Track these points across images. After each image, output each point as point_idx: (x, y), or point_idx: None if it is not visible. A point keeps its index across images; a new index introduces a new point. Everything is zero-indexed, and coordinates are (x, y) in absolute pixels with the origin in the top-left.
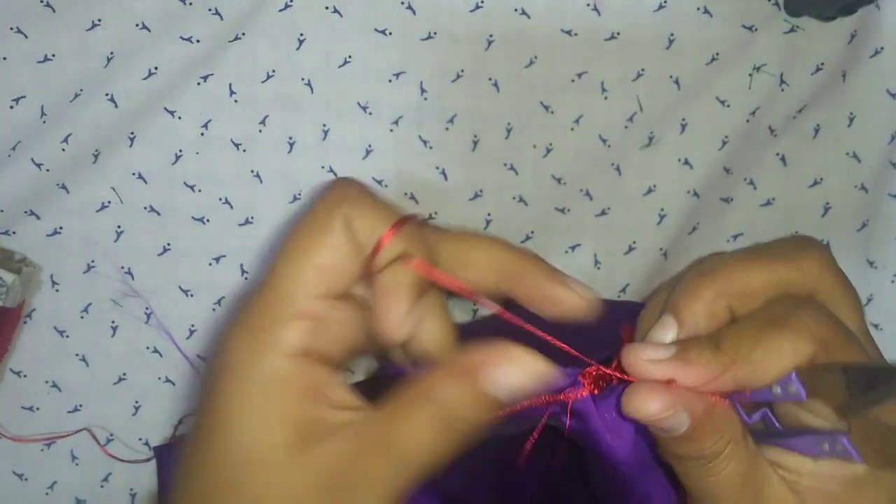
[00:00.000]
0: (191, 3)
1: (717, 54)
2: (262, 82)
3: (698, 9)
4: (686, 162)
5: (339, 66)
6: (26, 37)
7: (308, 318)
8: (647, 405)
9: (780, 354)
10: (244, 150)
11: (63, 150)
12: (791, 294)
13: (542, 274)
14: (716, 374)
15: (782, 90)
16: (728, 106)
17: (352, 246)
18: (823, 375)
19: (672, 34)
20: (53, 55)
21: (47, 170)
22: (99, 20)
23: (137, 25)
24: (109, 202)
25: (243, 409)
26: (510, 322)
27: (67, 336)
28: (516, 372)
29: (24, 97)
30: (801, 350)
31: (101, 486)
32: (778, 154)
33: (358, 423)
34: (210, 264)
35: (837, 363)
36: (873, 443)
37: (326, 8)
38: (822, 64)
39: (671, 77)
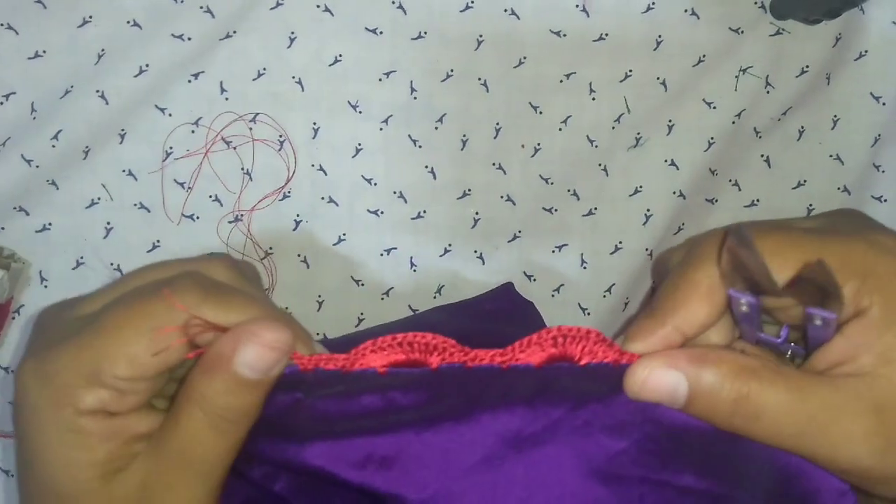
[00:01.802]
0: (182, 1)
1: (704, 56)
2: (253, 80)
3: (686, 11)
4: (672, 163)
5: (330, 65)
6: (17, 33)
7: (109, 388)
8: (630, 376)
9: (697, 285)
10: (234, 148)
11: (53, 146)
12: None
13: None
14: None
15: (768, 92)
16: (714, 108)
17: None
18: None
19: (660, 36)
20: (44, 51)
21: (37, 166)
22: (90, 17)
23: (129, 22)
24: (99, 199)
25: (47, 453)
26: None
27: None
28: (260, 349)
29: (15, 93)
30: (713, 270)
31: None
32: (763, 156)
33: (150, 444)
34: None
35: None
36: None
37: (317, 7)
38: (807, 67)
39: (658, 79)
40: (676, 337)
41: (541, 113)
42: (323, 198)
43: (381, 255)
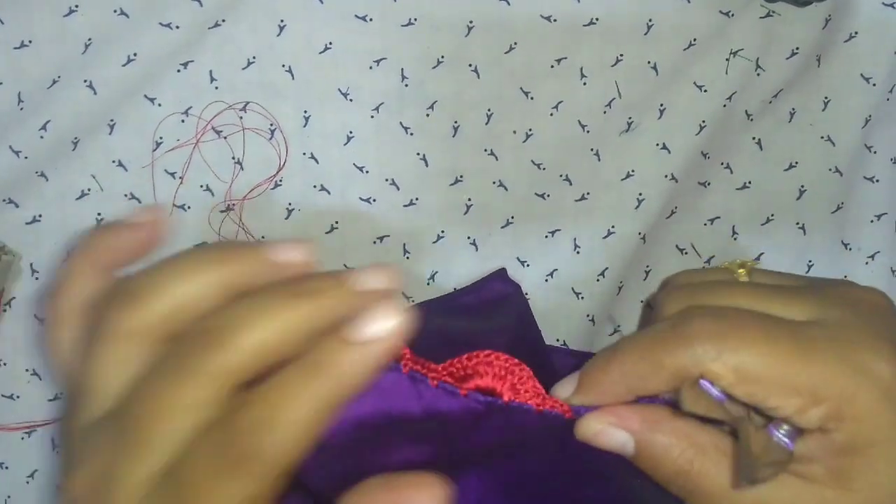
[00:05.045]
0: None
1: (695, 40)
2: (243, 69)
3: None
4: (664, 147)
5: (320, 53)
6: (2, 22)
7: None
8: (583, 426)
9: (662, 367)
10: (224, 138)
11: (41, 137)
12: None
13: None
14: (605, 386)
15: (758, 75)
16: (705, 91)
17: None
18: None
19: (650, 20)
20: (30, 41)
21: (25, 157)
22: (76, 6)
23: (115, 11)
24: (89, 190)
25: None
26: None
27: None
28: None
29: (1, 84)
30: (683, 364)
31: None
32: (754, 138)
33: None
34: None
35: None
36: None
37: None
38: (798, 48)
39: (649, 63)
40: (628, 396)
41: (532, 98)
42: (315, 186)
43: (374, 242)
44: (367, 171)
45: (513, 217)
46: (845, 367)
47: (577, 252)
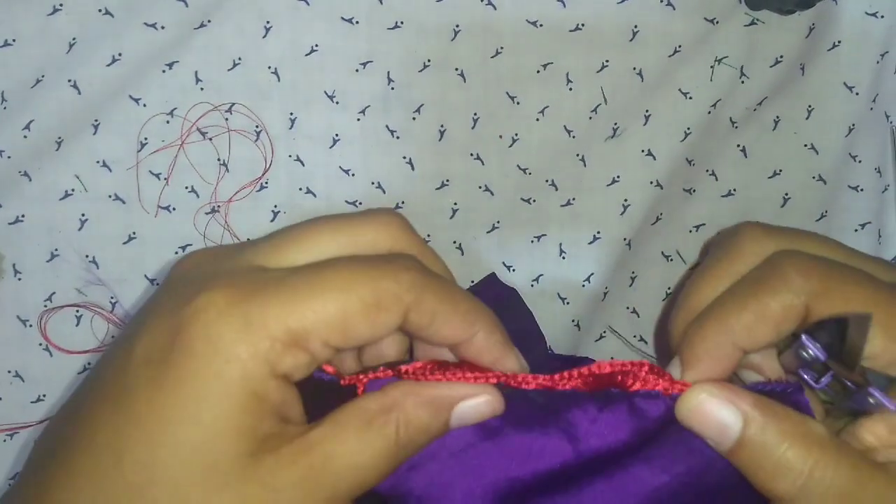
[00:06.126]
0: None
1: (680, 47)
2: (229, 70)
3: (661, 1)
4: (649, 153)
5: (306, 55)
6: None
7: (309, 354)
8: (686, 399)
9: (768, 311)
10: (210, 139)
11: (25, 136)
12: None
13: (497, 343)
14: (710, 349)
15: (743, 82)
16: (690, 98)
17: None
18: (830, 328)
19: (636, 26)
20: (14, 40)
21: (9, 157)
22: (61, 5)
23: (100, 10)
24: (73, 190)
25: (205, 411)
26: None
27: (30, 325)
28: (481, 407)
29: None
30: (790, 302)
31: None
32: (739, 145)
33: (305, 439)
34: (176, 252)
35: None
36: None
37: None
38: (782, 57)
39: (635, 69)
40: (736, 355)
41: (518, 103)
42: (301, 189)
43: None
44: (353, 174)
45: (499, 222)
46: None
47: (563, 257)
